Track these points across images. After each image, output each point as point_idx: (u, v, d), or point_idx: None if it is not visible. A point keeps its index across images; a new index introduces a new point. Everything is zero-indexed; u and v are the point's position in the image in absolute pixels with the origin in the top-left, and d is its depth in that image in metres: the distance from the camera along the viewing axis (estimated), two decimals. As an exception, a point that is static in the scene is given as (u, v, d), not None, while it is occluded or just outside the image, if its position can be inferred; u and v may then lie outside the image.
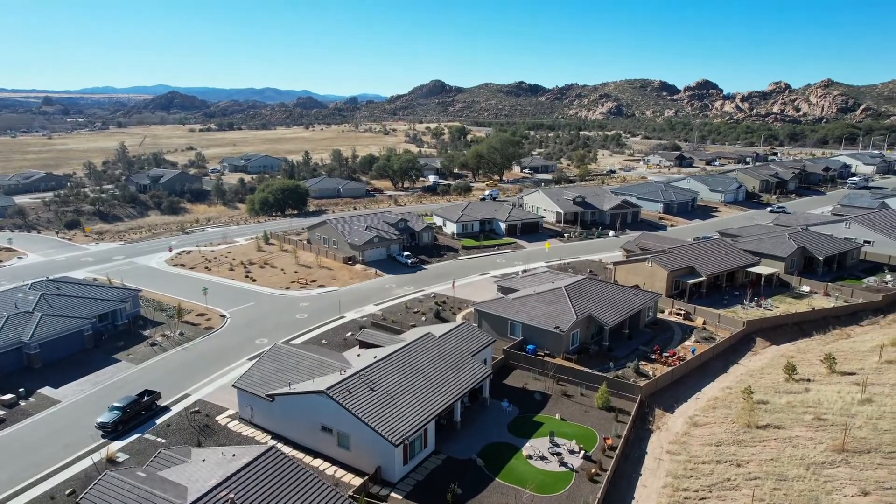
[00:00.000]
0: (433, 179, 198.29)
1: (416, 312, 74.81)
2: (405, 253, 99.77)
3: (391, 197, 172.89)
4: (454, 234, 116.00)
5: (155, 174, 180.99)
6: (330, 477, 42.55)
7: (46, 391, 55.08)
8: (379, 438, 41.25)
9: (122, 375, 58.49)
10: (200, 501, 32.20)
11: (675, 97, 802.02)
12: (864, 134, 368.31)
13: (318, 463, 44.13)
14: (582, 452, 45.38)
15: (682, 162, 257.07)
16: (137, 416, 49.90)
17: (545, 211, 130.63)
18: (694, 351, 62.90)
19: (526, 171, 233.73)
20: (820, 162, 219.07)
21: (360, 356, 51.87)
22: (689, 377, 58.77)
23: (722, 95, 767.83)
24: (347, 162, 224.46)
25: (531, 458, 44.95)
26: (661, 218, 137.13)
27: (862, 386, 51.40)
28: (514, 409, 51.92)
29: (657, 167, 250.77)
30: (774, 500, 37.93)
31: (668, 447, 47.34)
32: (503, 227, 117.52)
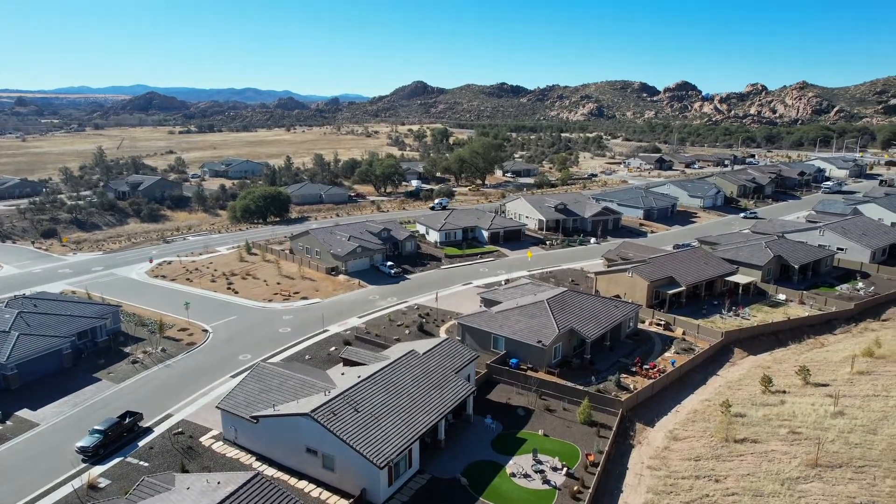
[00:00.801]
0: (416, 185, 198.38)
1: (399, 325, 75.05)
2: (388, 263, 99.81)
3: (374, 202, 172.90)
4: (437, 242, 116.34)
5: (134, 181, 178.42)
6: (315, 499, 42.68)
7: (24, 413, 54.27)
8: (364, 461, 41.49)
9: (102, 395, 57.86)
10: (185, 533, 32.17)
11: (655, 98, 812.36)
12: (837, 136, 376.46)
13: (303, 485, 44.22)
14: (565, 469, 46.07)
15: (662, 165, 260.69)
16: (119, 438, 49.45)
17: (527, 218, 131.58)
18: (674, 363, 64.04)
19: (508, 174, 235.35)
20: (795, 166, 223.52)
21: (343, 375, 52.02)
22: (668, 390, 59.87)
23: (701, 97, 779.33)
24: (329, 167, 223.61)
25: (515, 475, 45.50)
26: (641, 224, 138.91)
27: (834, 398, 52.86)
28: (497, 425, 52.45)
29: (638, 170, 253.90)
30: (751, 516, 38.95)
31: (648, 462, 48.26)
32: (486, 235, 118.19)
